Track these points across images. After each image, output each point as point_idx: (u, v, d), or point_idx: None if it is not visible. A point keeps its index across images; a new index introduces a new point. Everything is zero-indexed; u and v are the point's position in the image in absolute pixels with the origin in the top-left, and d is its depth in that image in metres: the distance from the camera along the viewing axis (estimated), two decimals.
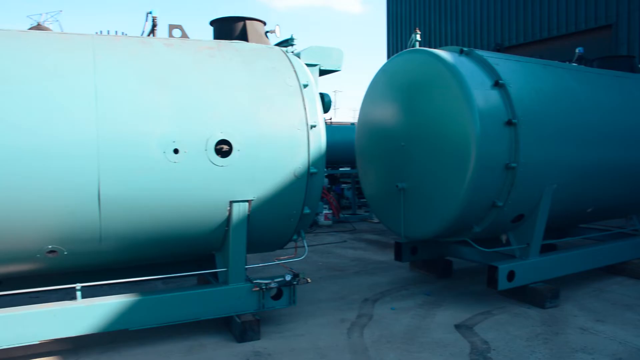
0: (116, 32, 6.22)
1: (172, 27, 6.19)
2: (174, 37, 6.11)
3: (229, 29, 6.70)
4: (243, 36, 6.63)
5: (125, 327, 5.31)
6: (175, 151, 5.10)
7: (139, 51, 5.42)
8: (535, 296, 6.95)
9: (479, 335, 5.93)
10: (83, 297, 5.23)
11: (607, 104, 8.09)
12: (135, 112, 5.03)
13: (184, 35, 6.18)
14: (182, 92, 5.32)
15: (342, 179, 18.52)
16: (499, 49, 9.88)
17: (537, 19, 19.34)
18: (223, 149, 5.34)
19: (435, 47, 7.30)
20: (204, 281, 6.68)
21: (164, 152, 5.05)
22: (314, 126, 5.79)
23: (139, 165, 4.99)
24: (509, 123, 6.44)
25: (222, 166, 5.32)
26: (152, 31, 6.22)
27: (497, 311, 6.74)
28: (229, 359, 5.28)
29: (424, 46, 7.56)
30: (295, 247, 6.48)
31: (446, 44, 23.17)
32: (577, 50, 10.75)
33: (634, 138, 8.22)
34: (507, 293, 7.13)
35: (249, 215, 5.59)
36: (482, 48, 19.49)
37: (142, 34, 6.22)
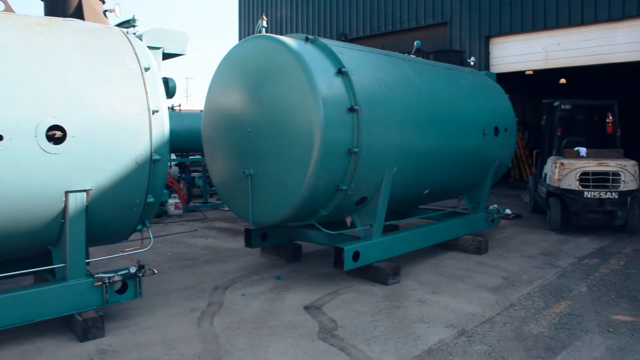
0: None
1: None
2: None
3: (62, 5, 6.25)
4: (78, 14, 6.20)
5: None
6: None
7: None
8: (378, 274, 7.34)
9: (327, 314, 6.14)
10: None
11: (440, 94, 8.73)
12: None
13: (8, 9, 5.61)
14: (6, 72, 4.81)
15: (193, 167, 18.12)
16: (344, 39, 10.25)
17: (382, 14, 20.35)
18: (56, 135, 4.96)
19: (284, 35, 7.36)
20: (42, 279, 6.18)
21: None
22: (157, 111, 5.58)
23: None
24: (351, 110, 6.68)
25: (55, 154, 4.94)
26: None
27: (344, 290, 7.03)
28: None
29: (275, 34, 7.59)
30: (142, 238, 6.23)
31: (296, 33, 23.54)
32: (415, 43, 11.47)
33: (462, 126, 8.97)
34: (353, 273, 7.47)
35: (87, 206, 5.26)
36: (330, 38, 20.09)
37: None
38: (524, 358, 5.00)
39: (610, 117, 12.01)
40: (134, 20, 6.45)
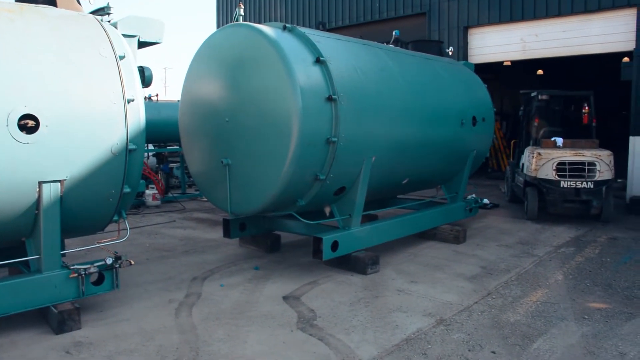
0: None
1: None
2: None
3: None
4: (51, 0, 6.04)
5: None
6: None
7: None
8: (357, 264, 7.35)
9: (305, 304, 6.14)
10: None
11: (419, 83, 8.74)
12: None
13: None
14: None
15: (171, 158, 17.96)
16: (322, 28, 10.20)
17: (360, 3, 20.32)
18: (28, 124, 4.85)
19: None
20: (16, 272, 6.07)
21: None
22: (132, 100, 5.50)
23: None
24: (330, 99, 6.65)
25: (27, 143, 4.84)
26: None
27: (323, 280, 7.02)
28: (45, 353, 4.87)
29: (253, 23, 7.50)
30: (119, 229, 6.15)
31: (274, 22, 23.35)
32: (394, 33, 11.43)
33: (441, 115, 9.00)
34: (332, 262, 7.47)
35: (62, 197, 5.17)
36: (309, 28, 19.97)
37: None
38: (501, 346, 5.05)
39: (586, 108, 12.15)
40: (108, 7, 6.35)
